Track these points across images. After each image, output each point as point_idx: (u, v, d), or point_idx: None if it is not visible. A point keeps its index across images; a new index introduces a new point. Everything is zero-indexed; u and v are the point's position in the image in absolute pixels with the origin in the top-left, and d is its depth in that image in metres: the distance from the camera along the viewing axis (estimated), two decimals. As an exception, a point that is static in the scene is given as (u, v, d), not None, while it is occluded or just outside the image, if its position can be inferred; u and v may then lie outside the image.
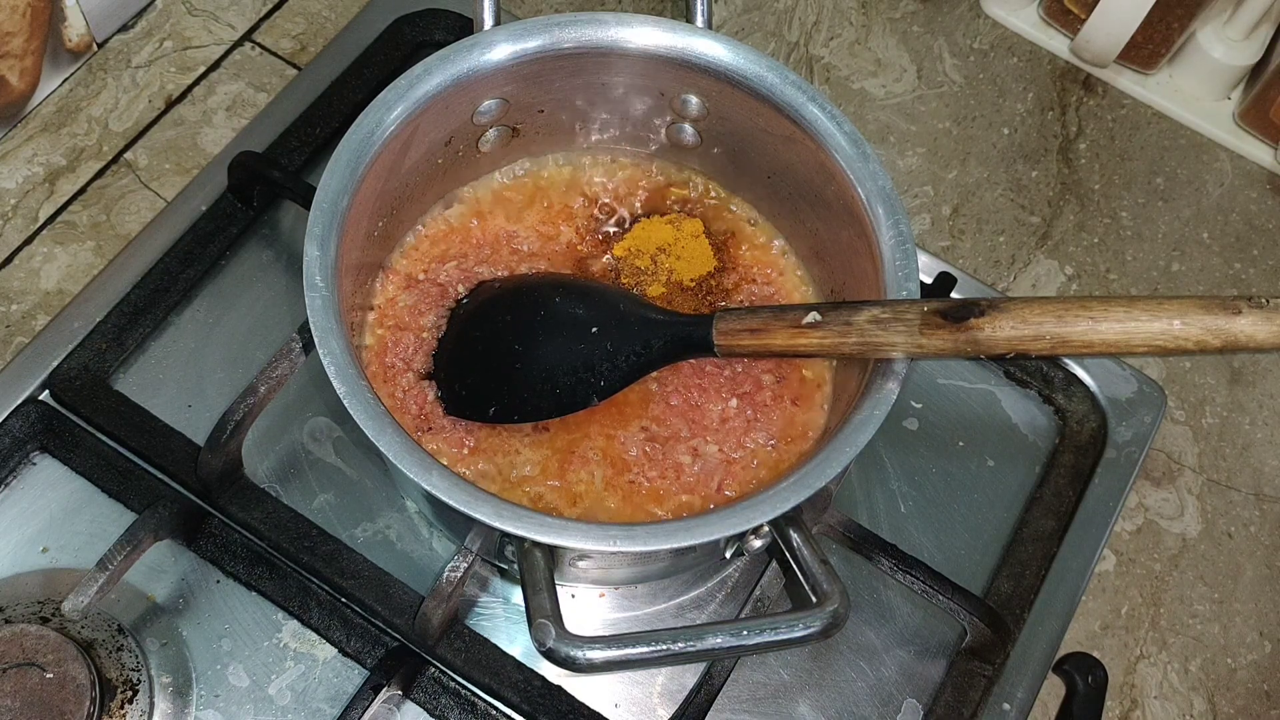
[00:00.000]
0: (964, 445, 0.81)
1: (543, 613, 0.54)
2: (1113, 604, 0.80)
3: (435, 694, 0.69)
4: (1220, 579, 0.82)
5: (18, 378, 0.74)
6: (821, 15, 1.00)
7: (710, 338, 0.64)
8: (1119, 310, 0.54)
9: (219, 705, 0.68)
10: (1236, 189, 0.97)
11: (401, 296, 0.70)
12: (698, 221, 0.74)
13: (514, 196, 0.74)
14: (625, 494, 0.66)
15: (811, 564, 0.58)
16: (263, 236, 0.82)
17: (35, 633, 0.64)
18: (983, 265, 0.91)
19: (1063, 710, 0.76)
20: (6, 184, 0.84)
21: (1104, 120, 0.98)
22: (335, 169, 0.62)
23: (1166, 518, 0.84)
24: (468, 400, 0.67)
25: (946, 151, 0.95)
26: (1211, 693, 0.79)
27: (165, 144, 0.87)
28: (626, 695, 0.71)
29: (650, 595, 0.74)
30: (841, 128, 0.66)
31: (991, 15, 1.02)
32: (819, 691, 0.72)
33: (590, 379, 0.66)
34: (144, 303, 0.77)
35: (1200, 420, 0.87)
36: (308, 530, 0.71)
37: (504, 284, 0.70)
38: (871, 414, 0.59)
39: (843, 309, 0.61)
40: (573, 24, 0.67)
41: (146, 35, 0.91)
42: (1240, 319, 0.51)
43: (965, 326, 0.56)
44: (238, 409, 0.66)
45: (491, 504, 0.55)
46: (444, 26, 0.90)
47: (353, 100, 0.85)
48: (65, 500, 0.72)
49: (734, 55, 0.67)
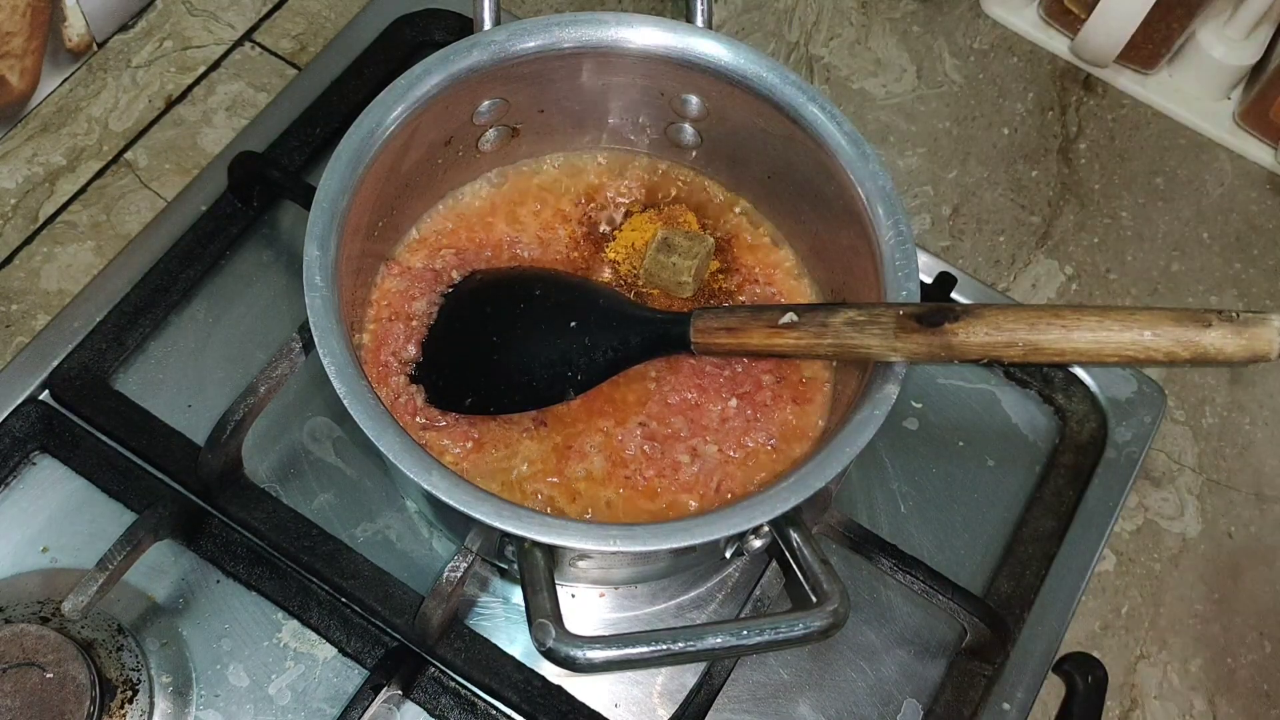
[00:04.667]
0: (964, 445, 0.81)
1: (543, 613, 0.54)
2: (1113, 604, 0.80)
3: (435, 694, 0.69)
4: (1220, 579, 0.82)
5: (18, 378, 0.74)
6: (821, 15, 1.00)
7: (688, 335, 0.64)
8: (1091, 320, 0.54)
9: (219, 705, 0.68)
10: (1236, 189, 0.97)
11: (394, 283, 0.70)
12: (690, 214, 0.74)
13: (514, 196, 0.74)
14: (624, 493, 0.66)
15: (811, 564, 0.58)
16: (263, 236, 0.82)
17: (35, 633, 0.64)
18: (983, 265, 0.91)
19: (1063, 710, 0.76)
20: (6, 184, 0.84)
21: (1104, 120, 0.98)
22: (335, 169, 0.62)
23: (1166, 518, 0.84)
24: (445, 390, 0.67)
25: (946, 151, 0.95)
26: (1211, 693, 0.79)
27: (165, 144, 0.87)
28: (626, 695, 0.71)
29: (650, 595, 0.74)
30: (841, 128, 0.66)
31: (991, 15, 1.02)
32: (819, 691, 0.72)
33: (567, 373, 0.66)
34: (144, 303, 0.77)
35: (1200, 420, 0.87)
36: (308, 530, 0.71)
37: (485, 276, 0.71)
38: (871, 414, 0.59)
39: (819, 310, 0.61)
40: (573, 24, 0.67)
41: (146, 35, 0.91)
42: (1210, 332, 0.52)
43: (939, 331, 0.57)
44: (238, 409, 0.67)
45: (491, 504, 0.55)
46: (444, 26, 0.89)
47: (353, 100, 0.85)
48: (65, 500, 0.72)
49: (734, 55, 0.67)
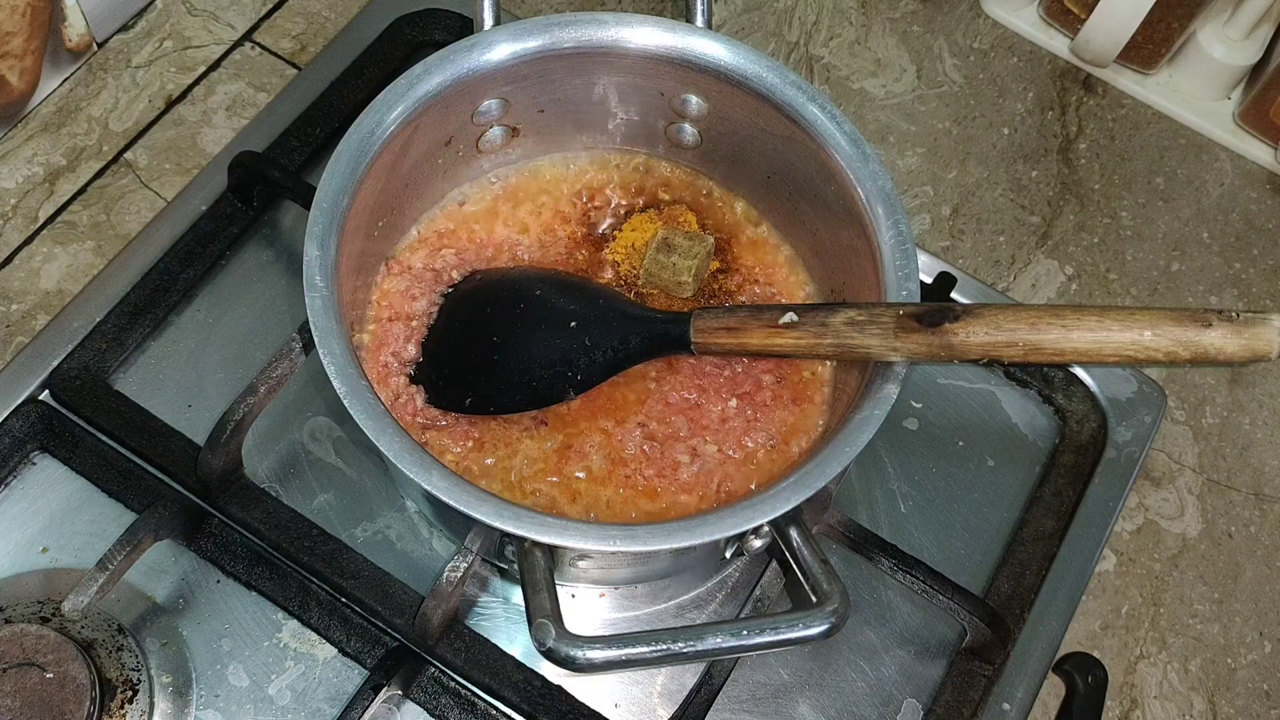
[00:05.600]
0: (964, 445, 0.81)
1: (543, 613, 0.54)
2: (1113, 604, 0.80)
3: (435, 694, 0.69)
4: (1220, 579, 0.82)
5: (18, 378, 0.74)
6: (821, 15, 1.00)
7: (687, 335, 0.64)
8: (1091, 319, 0.54)
9: (219, 705, 0.68)
10: (1236, 189, 0.97)
11: (394, 283, 0.70)
12: (690, 214, 0.74)
13: (514, 197, 0.74)
14: (624, 493, 0.66)
15: (811, 564, 0.58)
16: (263, 236, 0.82)
17: (35, 633, 0.64)
18: (983, 265, 0.91)
19: (1063, 710, 0.76)
20: (6, 184, 0.84)
21: (1104, 120, 0.98)
22: (335, 169, 0.62)
23: (1166, 518, 0.84)
24: (445, 390, 0.67)
25: (946, 151, 0.95)
26: (1211, 693, 0.79)
27: (165, 144, 0.87)
28: (626, 695, 0.71)
29: (650, 595, 0.74)
30: (841, 128, 0.66)
31: (991, 15, 1.02)
32: (819, 691, 0.72)
33: (567, 373, 0.66)
34: (144, 303, 0.77)
35: (1200, 420, 0.87)
36: (308, 530, 0.71)
37: (486, 276, 0.71)
38: (871, 414, 0.59)
39: (820, 310, 0.61)
40: (573, 24, 0.67)
41: (146, 35, 0.91)
42: (1210, 332, 0.52)
43: (939, 331, 0.57)
44: (238, 409, 0.67)
45: (492, 504, 0.55)
46: (444, 26, 0.90)
47: (353, 100, 0.85)
48: (65, 500, 0.72)
49: (734, 55, 0.67)
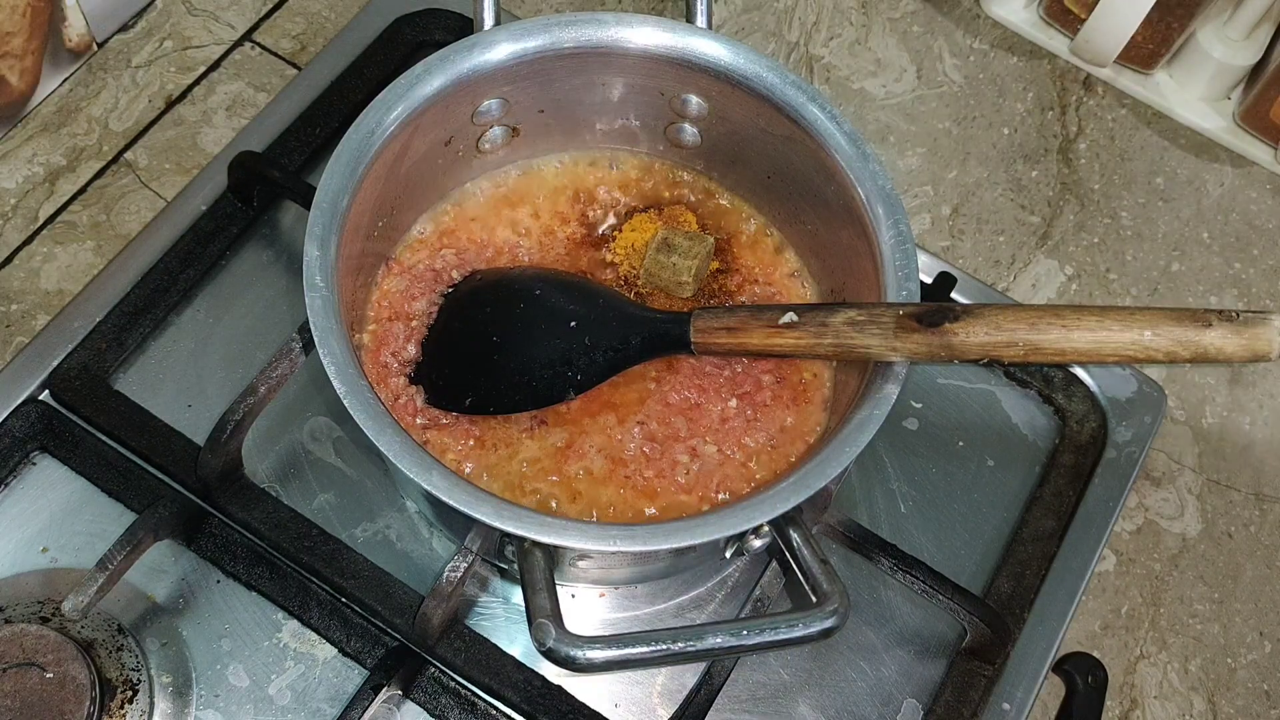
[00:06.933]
0: (964, 445, 0.81)
1: (543, 613, 0.54)
2: (1113, 604, 0.80)
3: (435, 694, 0.69)
4: (1220, 579, 0.82)
5: (18, 378, 0.74)
6: (821, 15, 1.00)
7: (688, 335, 0.64)
8: (1091, 319, 0.54)
9: (219, 705, 0.68)
10: (1236, 189, 0.97)
11: (394, 283, 0.70)
12: (690, 214, 0.74)
13: (514, 197, 0.74)
14: (624, 493, 0.66)
15: (811, 564, 0.58)
16: (263, 236, 0.82)
17: (35, 633, 0.64)
18: (983, 265, 0.91)
19: (1063, 710, 0.76)
20: (6, 184, 0.84)
21: (1104, 120, 0.98)
22: (335, 169, 0.62)
23: (1166, 518, 0.84)
24: (445, 390, 0.67)
25: (946, 151, 0.95)
26: (1211, 693, 0.79)
27: (165, 144, 0.87)
28: (626, 695, 0.71)
29: (650, 595, 0.74)
30: (841, 128, 0.66)
31: (991, 15, 1.02)
32: (819, 691, 0.72)
33: (567, 373, 0.66)
34: (144, 303, 0.77)
35: (1200, 420, 0.87)
36: (308, 530, 0.71)
37: (486, 275, 0.71)
38: (871, 414, 0.59)
39: (820, 310, 0.61)
40: (573, 24, 0.67)
41: (146, 35, 0.91)
42: (1210, 331, 0.52)
43: (940, 331, 0.57)
44: (238, 409, 0.67)
45: (491, 504, 0.55)
46: (444, 26, 0.89)
47: (353, 100, 0.85)
48: (65, 500, 0.72)
49: (734, 55, 0.67)
